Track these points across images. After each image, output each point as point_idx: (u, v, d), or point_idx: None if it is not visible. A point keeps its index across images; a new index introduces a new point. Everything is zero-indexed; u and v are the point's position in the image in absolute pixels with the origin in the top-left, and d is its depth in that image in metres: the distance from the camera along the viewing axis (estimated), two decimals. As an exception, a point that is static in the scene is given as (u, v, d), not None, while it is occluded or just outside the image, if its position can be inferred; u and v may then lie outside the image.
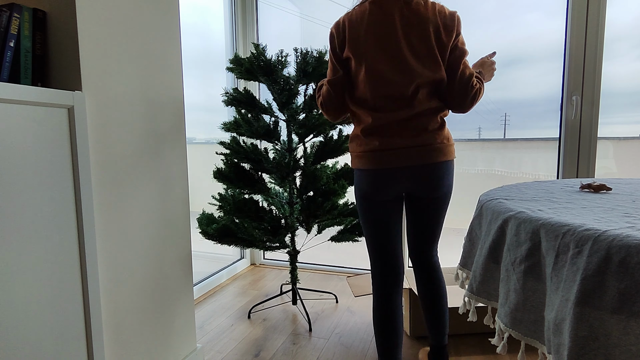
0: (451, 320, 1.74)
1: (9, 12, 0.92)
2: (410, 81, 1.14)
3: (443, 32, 1.14)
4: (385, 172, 1.19)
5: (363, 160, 1.22)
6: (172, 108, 1.35)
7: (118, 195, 1.14)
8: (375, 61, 1.15)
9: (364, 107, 1.21)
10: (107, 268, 1.11)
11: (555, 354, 0.55)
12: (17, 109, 0.86)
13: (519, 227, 0.69)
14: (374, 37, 1.15)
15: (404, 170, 1.18)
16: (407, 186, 1.21)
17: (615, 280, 0.50)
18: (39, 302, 0.92)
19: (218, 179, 1.89)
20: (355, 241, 1.96)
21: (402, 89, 1.15)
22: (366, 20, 1.16)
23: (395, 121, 1.17)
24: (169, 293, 1.36)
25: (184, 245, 1.43)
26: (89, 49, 1.03)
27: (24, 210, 0.88)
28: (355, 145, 1.25)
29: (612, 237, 0.52)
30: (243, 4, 2.63)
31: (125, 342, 1.19)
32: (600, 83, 1.94)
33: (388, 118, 1.17)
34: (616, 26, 1.94)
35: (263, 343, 1.71)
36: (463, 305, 0.93)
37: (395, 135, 1.17)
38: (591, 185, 0.97)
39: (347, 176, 1.91)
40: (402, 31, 1.14)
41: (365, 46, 1.16)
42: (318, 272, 2.66)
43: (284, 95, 1.81)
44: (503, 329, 0.69)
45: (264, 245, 1.89)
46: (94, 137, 1.06)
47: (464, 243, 1.05)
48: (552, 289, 0.59)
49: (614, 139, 2.14)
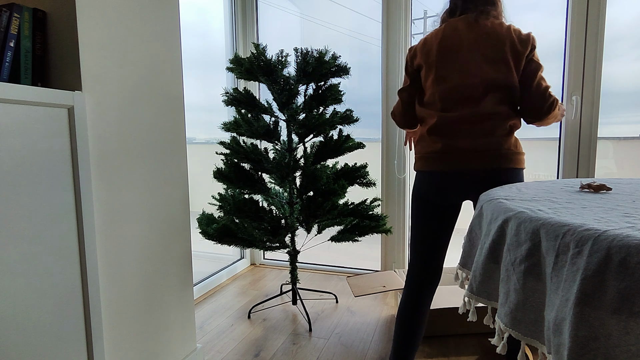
0: (451, 320, 1.74)
1: (9, 12, 0.92)
2: (479, 83, 1.16)
3: (518, 44, 1.17)
4: (448, 175, 1.19)
5: (427, 162, 1.23)
6: (172, 108, 1.35)
7: (118, 195, 1.14)
8: (444, 65, 1.20)
9: (430, 109, 1.23)
10: (107, 268, 1.11)
11: (555, 354, 0.55)
12: (17, 109, 0.86)
13: (519, 227, 0.69)
14: (446, 46, 1.20)
15: (466, 175, 1.17)
16: (467, 192, 1.19)
17: (615, 280, 0.50)
18: (39, 302, 0.92)
19: (218, 179, 1.89)
20: (355, 241, 1.96)
21: (471, 90, 1.17)
22: (440, 35, 1.23)
23: (459, 120, 1.17)
24: (169, 293, 1.36)
25: (184, 245, 1.43)
26: (89, 49, 1.03)
27: (24, 210, 0.88)
28: (419, 147, 1.28)
29: (612, 237, 0.52)
30: (243, 4, 2.63)
31: (125, 342, 1.19)
32: (600, 83, 1.94)
33: (453, 118, 1.18)
34: (616, 26, 1.94)
35: (263, 343, 1.71)
36: (463, 305, 0.93)
37: (460, 137, 1.17)
38: (591, 185, 0.97)
39: (347, 176, 1.91)
40: (474, 41, 1.18)
41: (436, 54, 1.21)
42: (318, 272, 2.66)
43: (284, 95, 1.81)
44: (503, 328, 0.69)
45: (264, 245, 1.89)
46: (94, 137, 1.06)
47: (463, 243, 1.05)
48: (552, 289, 0.59)
49: (614, 139, 2.14)
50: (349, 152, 1.92)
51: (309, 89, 1.88)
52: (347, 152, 1.92)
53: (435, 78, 1.21)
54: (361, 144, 1.94)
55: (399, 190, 2.39)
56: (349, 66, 1.86)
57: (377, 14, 2.33)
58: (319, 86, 1.87)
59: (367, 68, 2.60)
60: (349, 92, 1.99)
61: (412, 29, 2.31)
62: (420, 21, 7.51)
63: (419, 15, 7.55)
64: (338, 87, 1.88)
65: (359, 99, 2.53)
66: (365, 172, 1.91)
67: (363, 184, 1.92)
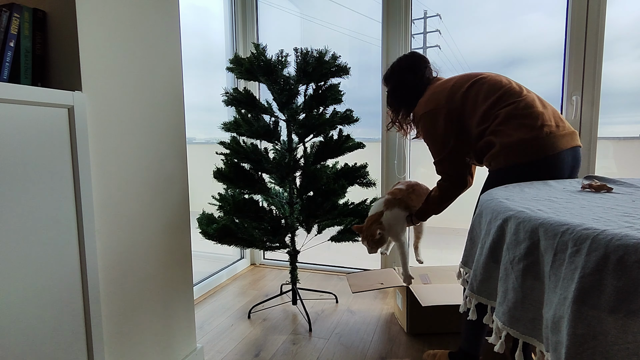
0: (451, 319, 1.74)
1: (9, 12, 0.93)
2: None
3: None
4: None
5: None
6: (172, 108, 1.35)
7: (118, 195, 1.14)
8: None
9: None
10: (107, 268, 1.11)
11: (553, 352, 0.56)
12: (17, 109, 0.86)
13: (518, 226, 0.69)
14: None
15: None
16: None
17: (613, 279, 0.50)
18: (39, 302, 0.92)
19: (218, 179, 1.89)
20: (355, 241, 1.96)
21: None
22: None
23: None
24: (169, 293, 1.37)
25: (184, 245, 1.44)
26: (89, 49, 1.03)
27: (24, 210, 0.88)
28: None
29: (611, 236, 0.52)
30: (243, 4, 2.64)
31: (125, 342, 1.19)
32: (600, 83, 1.94)
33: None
34: (616, 26, 1.94)
35: (263, 343, 1.71)
36: (464, 303, 0.93)
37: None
38: (592, 185, 0.97)
39: (347, 176, 1.92)
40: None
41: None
42: (318, 272, 2.66)
43: (284, 95, 1.81)
44: (501, 327, 0.69)
45: (264, 245, 1.89)
46: (94, 137, 1.06)
47: (465, 241, 1.05)
48: (551, 287, 0.59)
49: (614, 139, 2.14)
50: (349, 152, 1.92)
51: (309, 89, 1.88)
52: (347, 152, 1.92)
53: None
54: (361, 144, 1.94)
55: (399, 190, 2.38)
56: (349, 66, 1.86)
57: (377, 14, 2.34)
58: (319, 86, 1.87)
59: (367, 68, 2.60)
60: (349, 92, 1.99)
61: (412, 29, 2.31)
62: (420, 21, 7.50)
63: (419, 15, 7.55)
64: (338, 87, 1.88)
65: (359, 99, 2.53)
66: (365, 172, 1.91)
67: (363, 184, 1.92)
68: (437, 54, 2.44)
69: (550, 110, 1.29)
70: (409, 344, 1.68)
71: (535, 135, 1.20)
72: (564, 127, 1.26)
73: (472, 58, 2.33)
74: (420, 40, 3.65)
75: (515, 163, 1.22)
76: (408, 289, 1.72)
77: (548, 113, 1.27)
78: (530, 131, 1.21)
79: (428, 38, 3.43)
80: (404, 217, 1.59)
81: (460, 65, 2.32)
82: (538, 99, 1.31)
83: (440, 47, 2.47)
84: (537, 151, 1.20)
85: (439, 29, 2.53)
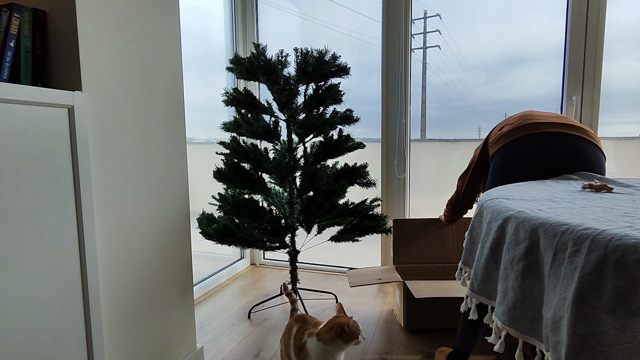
0: (451, 318, 1.74)
1: (9, 12, 0.93)
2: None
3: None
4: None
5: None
6: (172, 108, 1.35)
7: (118, 195, 1.14)
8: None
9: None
10: (107, 268, 1.11)
11: (554, 352, 0.56)
12: (17, 109, 0.86)
13: (518, 226, 0.69)
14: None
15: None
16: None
17: (613, 279, 0.50)
18: (39, 302, 0.92)
19: (218, 179, 1.89)
20: (355, 241, 1.96)
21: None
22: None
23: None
24: (169, 293, 1.37)
25: (184, 245, 1.44)
26: (89, 49, 1.03)
27: (24, 210, 0.88)
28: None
29: (610, 236, 0.52)
30: (243, 4, 2.64)
31: (125, 342, 1.19)
32: (600, 83, 1.94)
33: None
34: (616, 26, 1.94)
35: (263, 343, 1.71)
36: (464, 303, 0.93)
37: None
38: (592, 185, 0.97)
39: (347, 176, 1.92)
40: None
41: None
42: (318, 272, 2.66)
43: (284, 95, 1.81)
44: (500, 327, 0.69)
45: (264, 245, 1.89)
46: (94, 137, 1.06)
47: (465, 241, 1.05)
48: (550, 287, 0.59)
49: (614, 139, 2.14)
50: (349, 152, 1.92)
51: (309, 89, 1.88)
52: (347, 152, 1.92)
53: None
54: (361, 144, 1.94)
55: (399, 190, 2.39)
56: (349, 66, 1.86)
57: (377, 14, 2.34)
58: (319, 86, 1.87)
59: (367, 68, 2.60)
60: (349, 92, 1.99)
61: (412, 29, 2.31)
62: (420, 21, 7.51)
63: (419, 15, 7.56)
64: (338, 87, 1.88)
65: (359, 99, 2.54)
66: (365, 172, 1.91)
67: (363, 184, 1.92)
68: (437, 54, 2.44)
69: (555, 114, 1.44)
70: (409, 344, 1.68)
71: (523, 122, 1.41)
72: (559, 118, 1.39)
73: (472, 58, 2.33)
74: (420, 40, 3.65)
75: (504, 144, 1.41)
76: (404, 284, 1.73)
77: (548, 115, 1.36)
78: (519, 123, 1.43)
79: (428, 38, 3.43)
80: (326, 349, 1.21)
81: (460, 65, 2.32)
82: (555, 116, 1.45)
83: (440, 47, 2.47)
84: (521, 129, 1.39)
85: (439, 29, 2.52)
